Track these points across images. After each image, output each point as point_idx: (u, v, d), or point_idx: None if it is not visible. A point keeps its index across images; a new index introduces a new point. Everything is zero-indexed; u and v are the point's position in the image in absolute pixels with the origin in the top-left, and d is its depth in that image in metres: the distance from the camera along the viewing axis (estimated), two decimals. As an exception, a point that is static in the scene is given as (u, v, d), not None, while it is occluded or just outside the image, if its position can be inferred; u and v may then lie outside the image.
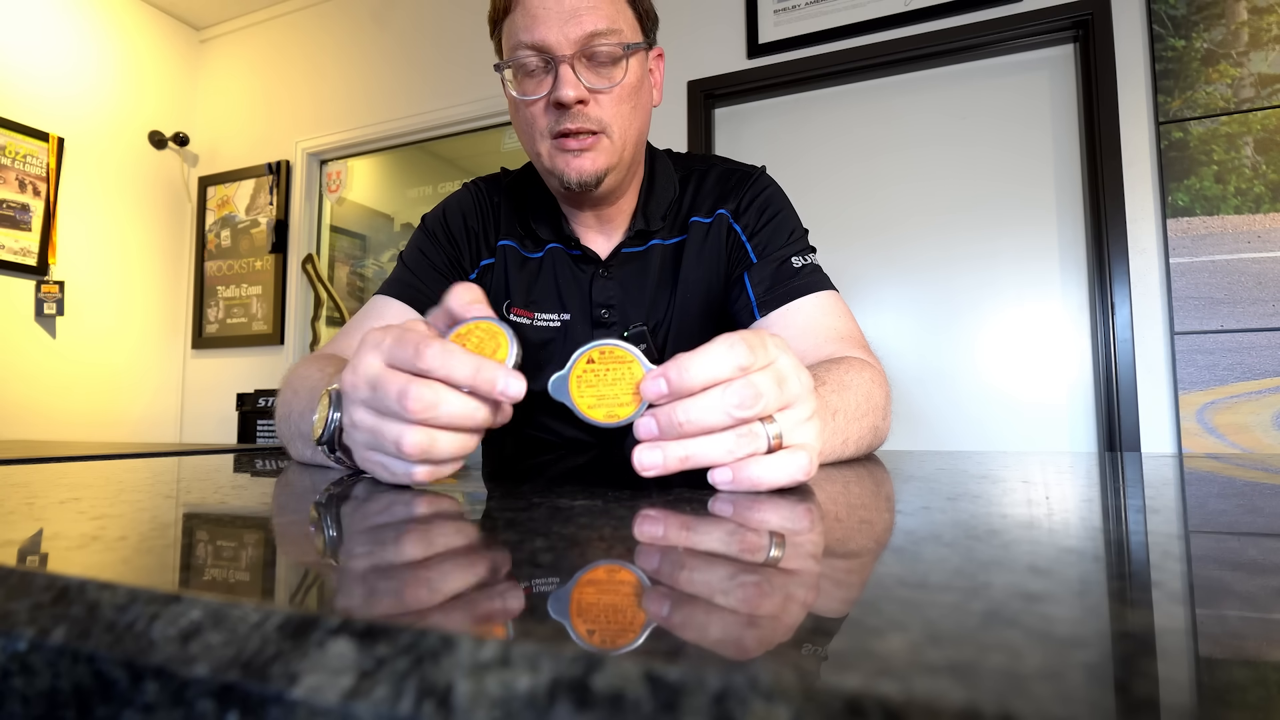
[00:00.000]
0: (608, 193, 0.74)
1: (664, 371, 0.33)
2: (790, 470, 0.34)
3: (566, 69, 0.65)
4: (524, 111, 0.70)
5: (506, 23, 0.69)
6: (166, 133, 2.97)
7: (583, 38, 0.65)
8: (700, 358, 0.33)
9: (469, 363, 0.35)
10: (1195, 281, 1.63)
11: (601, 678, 0.11)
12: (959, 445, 1.86)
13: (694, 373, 0.33)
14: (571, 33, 0.65)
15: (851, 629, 0.14)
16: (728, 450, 0.34)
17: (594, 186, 0.70)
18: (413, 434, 0.35)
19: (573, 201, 0.76)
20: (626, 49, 0.68)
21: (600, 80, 0.68)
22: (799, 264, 0.74)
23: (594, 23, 0.65)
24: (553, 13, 0.65)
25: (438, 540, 0.24)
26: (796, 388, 0.36)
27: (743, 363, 0.33)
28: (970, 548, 0.21)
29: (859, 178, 2.02)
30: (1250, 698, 0.11)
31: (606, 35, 0.66)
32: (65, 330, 2.63)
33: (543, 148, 0.70)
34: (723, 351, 0.33)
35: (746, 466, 0.34)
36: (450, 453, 0.36)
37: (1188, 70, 1.67)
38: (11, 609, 0.16)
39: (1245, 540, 0.24)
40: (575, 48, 0.66)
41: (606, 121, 0.68)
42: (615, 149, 0.70)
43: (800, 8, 2.04)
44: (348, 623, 0.13)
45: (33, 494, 0.34)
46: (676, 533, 0.24)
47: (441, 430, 0.36)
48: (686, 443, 0.34)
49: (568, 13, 0.65)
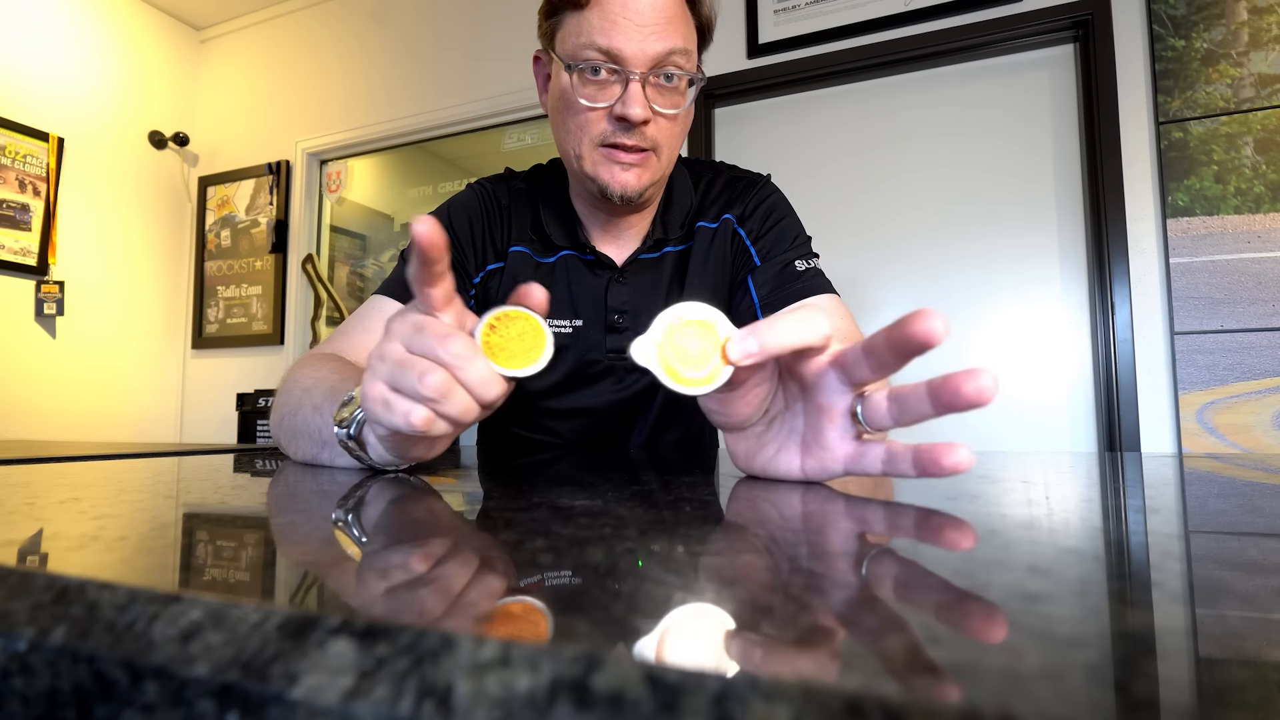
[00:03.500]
0: (641, 206, 0.75)
1: (754, 332, 0.33)
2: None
3: (637, 86, 0.65)
4: (578, 115, 0.68)
5: (575, 17, 0.66)
6: (166, 133, 2.97)
7: (660, 55, 0.65)
8: (790, 320, 0.33)
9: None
10: (1195, 281, 1.63)
11: (601, 678, 0.11)
12: (959, 445, 1.85)
13: (786, 335, 0.33)
14: (650, 48, 0.64)
15: (852, 629, 0.14)
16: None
17: (634, 200, 0.71)
18: (436, 374, 0.37)
19: (604, 210, 0.76)
20: (694, 78, 0.68)
21: (666, 103, 0.67)
22: (802, 267, 0.75)
23: (672, 42, 0.65)
24: (633, 24, 0.64)
25: (438, 540, 0.24)
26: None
27: (827, 332, 0.33)
28: (970, 548, 0.21)
29: (859, 177, 2.02)
30: (1250, 698, 0.11)
31: (680, 56, 0.66)
32: (65, 330, 2.63)
33: (587, 152, 0.69)
34: (811, 316, 0.33)
35: None
36: (457, 412, 0.38)
37: (1188, 70, 1.67)
38: (11, 609, 0.16)
39: (1245, 540, 0.24)
40: (650, 64, 0.65)
41: (660, 142, 0.69)
42: (660, 168, 0.70)
43: (800, 8, 2.04)
44: (348, 623, 0.13)
45: (33, 494, 0.34)
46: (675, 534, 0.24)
47: (459, 386, 0.38)
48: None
49: (649, 27, 0.64)
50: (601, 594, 0.16)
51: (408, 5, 2.72)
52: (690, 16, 0.68)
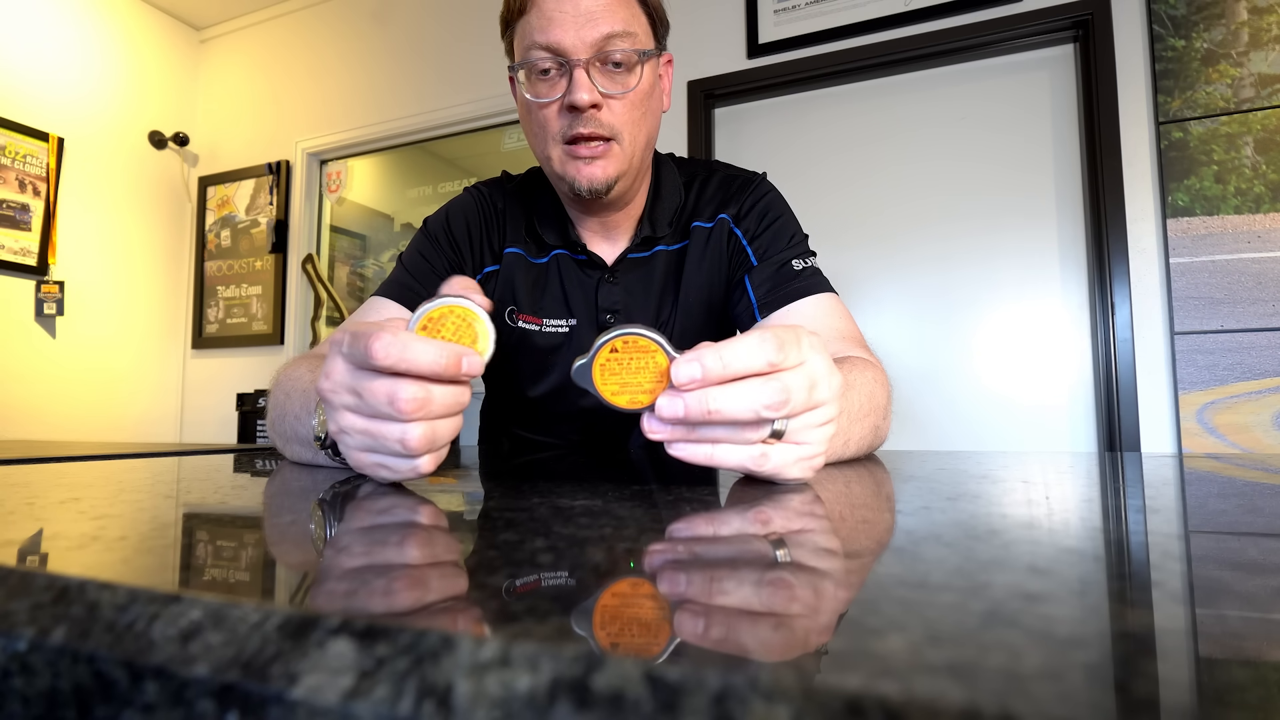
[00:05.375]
0: (617, 199, 0.74)
1: (699, 357, 0.33)
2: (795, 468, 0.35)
3: (581, 72, 0.65)
4: (536, 114, 0.69)
5: (520, 24, 0.68)
6: (167, 133, 2.97)
7: (598, 40, 0.65)
8: (735, 347, 0.33)
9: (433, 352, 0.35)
10: (1195, 281, 1.63)
11: (601, 678, 0.11)
12: (959, 445, 1.86)
13: (729, 362, 0.33)
14: (587, 35, 0.65)
15: (851, 629, 0.14)
16: (750, 457, 0.34)
17: (604, 193, 0.71)
18: (415, 429, 0.35)
19: (581, 207, 0.76)
20: (641, 55, 0.68)
21: (614, 85, 0.67)
22: (799, 266, 0.75)
23: (610, 25, 0.65)
24: (569, 15, 0.64)
25: (438, 540, 0.24)
26: (825, 393, 0.36)
27: (773, 359, 0.33)
28: (970, 548, 0.21)
29: (859, 177, 2.02)
30: (1250, 698, 0.11)
31: (622, 38, 0.66)
32: (65, 330, 2.63)
33: (554, 152, 0.70)
34: (754, 345, 0.33)
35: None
36: (448, 436, 0.38)
37: (1188, 70, 1.67)
38: (11, 609, 0.16)
39: (1245, 540, 0.24)
40: (591, 51, 0.65)
41: (618, 128, 0.68)
42: (625, 155, 0.70)
43: (800, 8, 2.04)
44: (347, 623, 0.13)
45: (33, 494, 0.34)
46: (684, 537, 0.24)
47: (438, 419, 0.37)
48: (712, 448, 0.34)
49: (584, 16, 0.65)
50: (601, 594, 0.16)
51: (408, 5, 2.72)
52: (635, 0, 0.68)
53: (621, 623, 0.14)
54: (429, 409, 0.35)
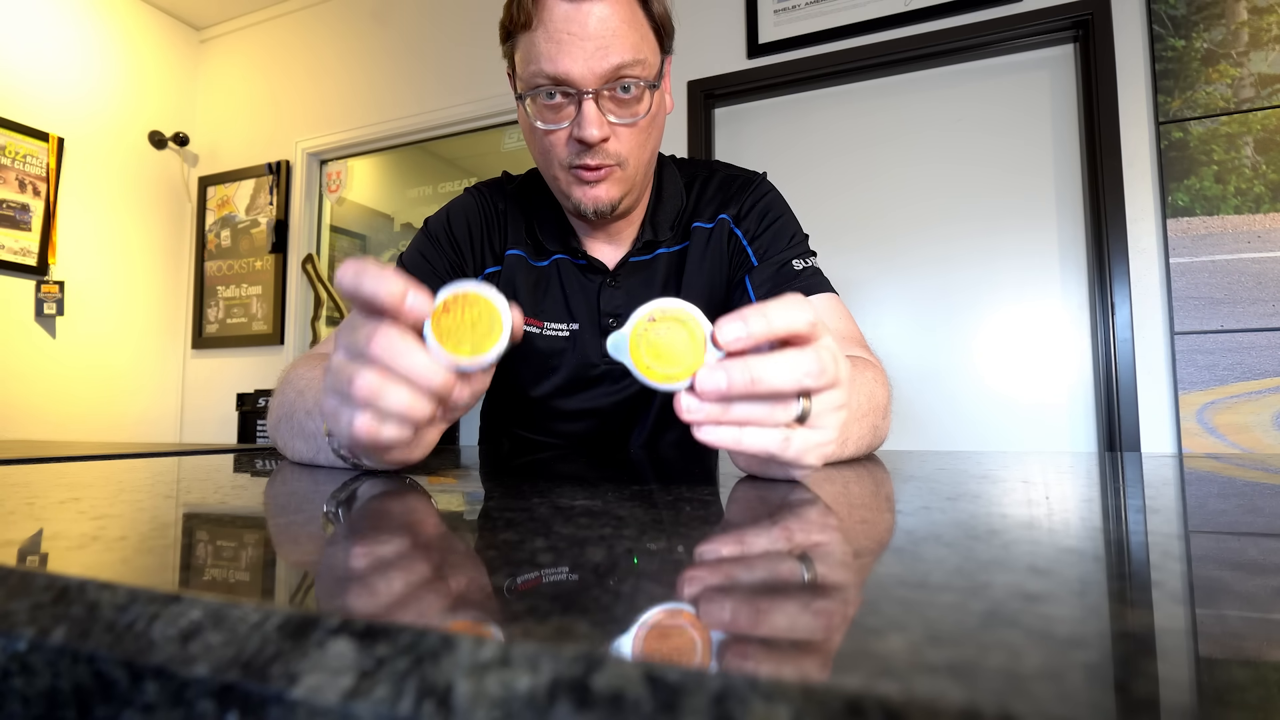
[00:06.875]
0: (622, 215, 0.75)
1: (742, 315, 0.32)
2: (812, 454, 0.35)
3: (590, 105, 0.63)
4: (542, 140, 0.68)
5: (524, 38, 0.65)
6: (166, 133, 2.97)
7: (608, 72, 0.63)
8: (778, 306, 0.32)
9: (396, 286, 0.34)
10: (1195, 281, 1.63)
11: (601, 678, 0.11)
12: (959, 445, 1.86)
13: (774, 319, 0.32)
14: (597, 67, 0.62)
15: (851, 629, 0.14)
16: (775, 441, 0.33)
17: (609, 214, 0.71)
18: (364, 376, 0.34)
19: (584, 221, 0.76)
20: (651, 86, 0.66)
21: (624, 113, 0.66)
22: (800, 266, 0.75)
23: (620, 55, 0.63)
24: (577, 41, 0.62)
25: (438, 540, 0.24)
26: (845, 370, 0.36)
27: (812, 319, 0.33)
28: (970, 548, 0.21)
29: (859, 177, 2.02)
30: (1250, 698, 0.11)
31: (632, 67, 0.64)
32: (65, 330, 2.63)
33: (559, 174, 0.69)
34: (794, 304, 0.32)
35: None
36: (401, 409, 0.35)
37: (1188, 70, 1.67)
38: (11, 609, 0.16)
39: (1245, 540, 0.24)
40: (600, 83, 0.63)
41: (625, 154, 0.68)
42: (629, 177, 0.70)
43: (800, 8, 2.04)
44: (347, 623, 0.13)
45: (33, 494, 0.34)
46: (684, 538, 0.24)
47: (394, 383, 0.35)
48: (739, 431, 0.33)
49: (593, 42, 0.62)
50: (602, 594, 0.16)
51: (408, 5, 2.72)
52: (643, 17, 0.66)
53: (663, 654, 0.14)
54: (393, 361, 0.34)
